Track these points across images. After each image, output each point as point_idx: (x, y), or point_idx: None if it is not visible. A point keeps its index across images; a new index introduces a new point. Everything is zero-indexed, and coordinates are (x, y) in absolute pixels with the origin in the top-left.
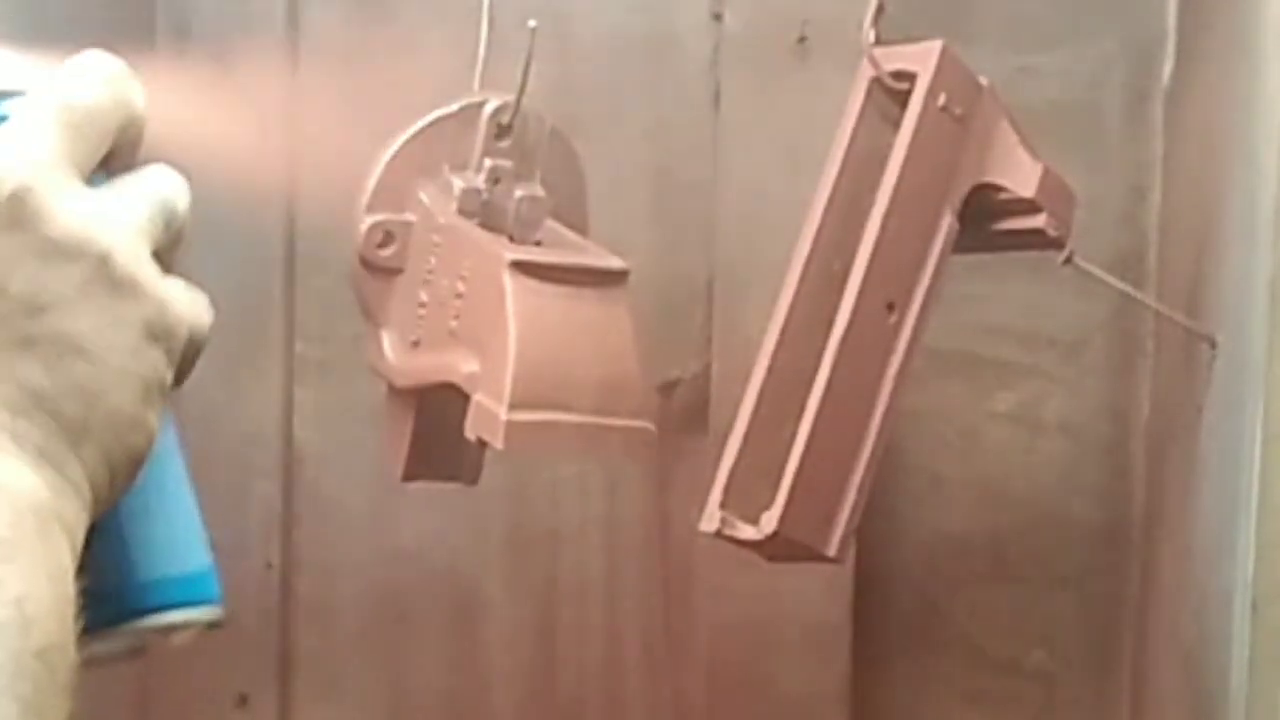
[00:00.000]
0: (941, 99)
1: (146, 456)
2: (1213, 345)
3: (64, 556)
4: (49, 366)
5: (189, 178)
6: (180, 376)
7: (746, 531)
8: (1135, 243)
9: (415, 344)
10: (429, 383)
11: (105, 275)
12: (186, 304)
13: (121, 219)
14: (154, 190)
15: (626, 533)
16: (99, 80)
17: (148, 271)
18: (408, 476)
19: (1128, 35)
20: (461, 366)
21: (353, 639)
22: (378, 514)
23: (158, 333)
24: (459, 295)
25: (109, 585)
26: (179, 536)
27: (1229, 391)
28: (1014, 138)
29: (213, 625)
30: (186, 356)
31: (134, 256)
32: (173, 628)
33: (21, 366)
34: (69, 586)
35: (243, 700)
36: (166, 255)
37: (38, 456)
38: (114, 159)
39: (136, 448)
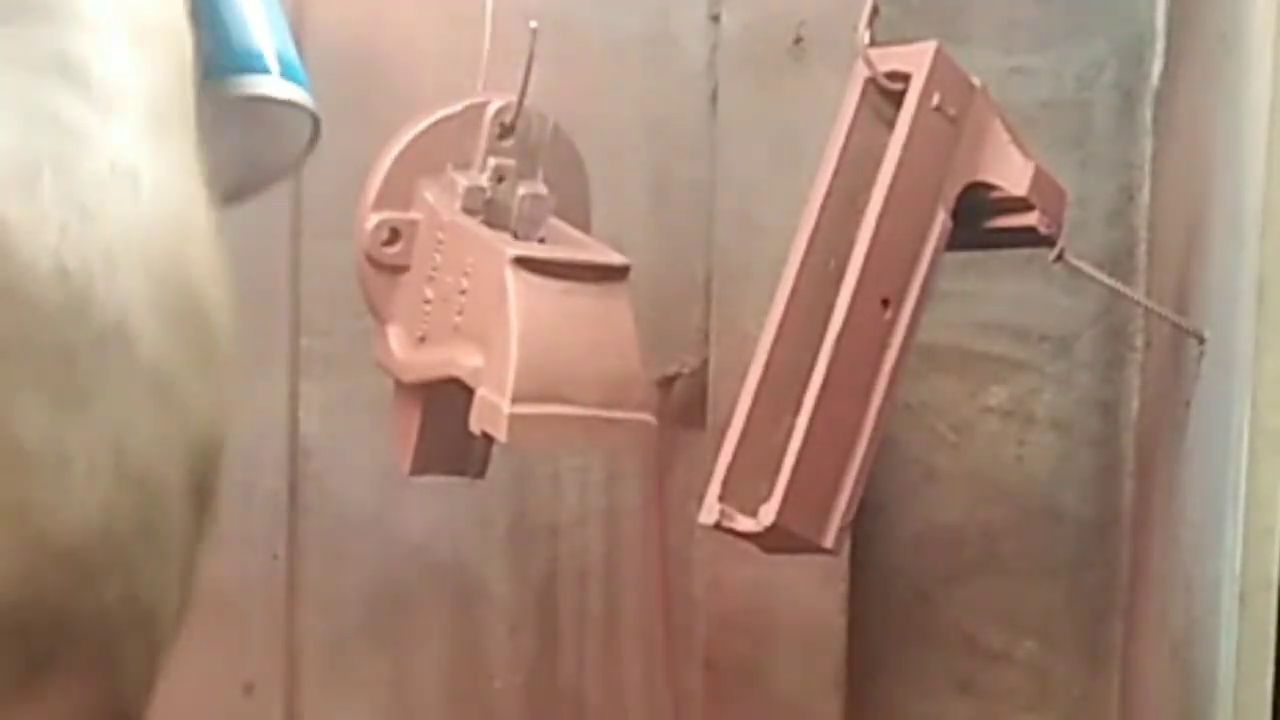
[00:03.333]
0: (935, 99)
1: None
2: (1201, 341)
3: None
4: None
5: None
6: None
7: (745, 524)
8: (1125, 240)
9: (421, 339)
10: (434, 377)
11: None
12: None
13: None
14: None
15: (626, 524)
16: None
17: None
18: (415, 470)
19: (1117, 37)
20: (466, 361)
21: (357, 628)
22: (382, 506)
23: None
24: (463, 291)
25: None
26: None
27: (1217, 386)
28: (1006, 137)
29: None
30: None
31: None
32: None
33: None
34: None
35: (249, 688)
36: None
37: None
38: None
39: None
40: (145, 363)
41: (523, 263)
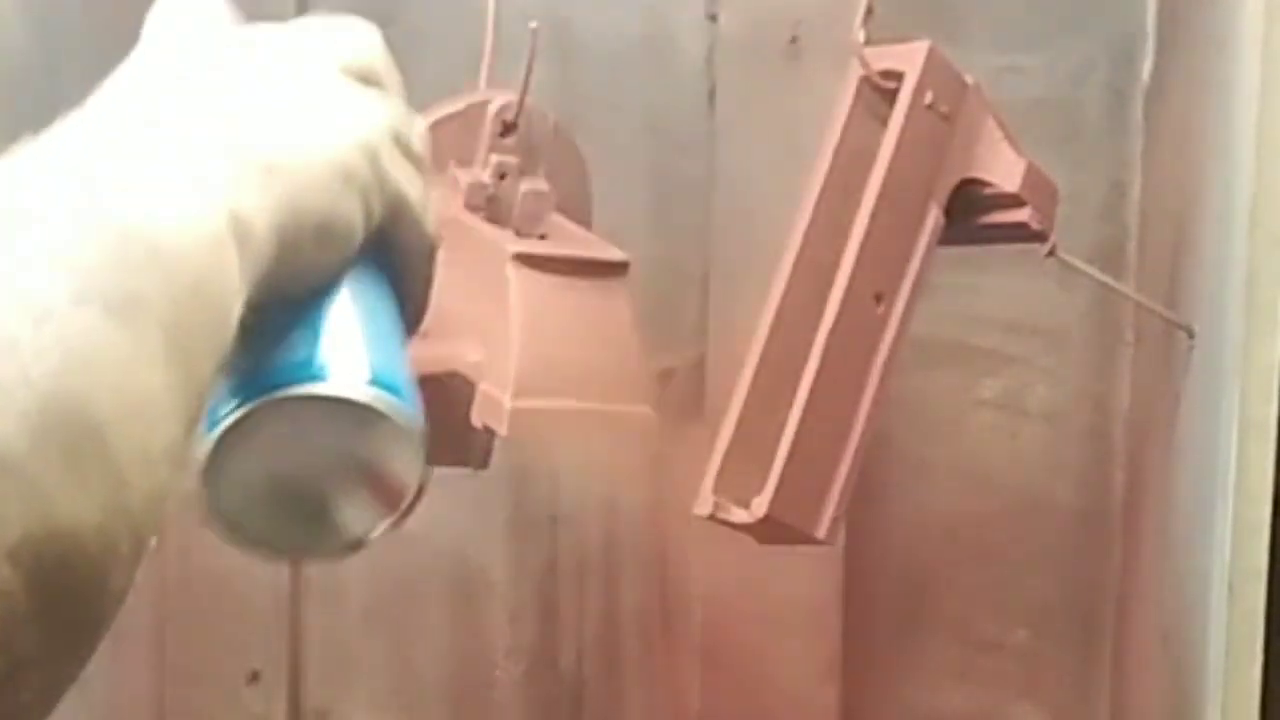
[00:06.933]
0: (929, 97)
1: (337, 230)
2: (1191, 335)
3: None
4: (249, 117)
5: None
6: (407, 267)
7: (739, 515)
8: (1116, 235)
9: (424, 334)
10: (437, 371)
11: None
12: (371, 99)
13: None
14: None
15: (624, 516)
16: None
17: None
18: None
19: (1108, 35)
20: (468, 356)
21: (360, 618)
22: None
23: (371, 151)
24: (465, 287)
25: (299, 357)
26: (380, 352)
27: (1207, 379)
28: (998, 134)
29: (387, 422)
30: (402, 223)
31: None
32: (317, 398)
33: (222, 113)
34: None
35: (254, 676)
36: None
37: (218, 171)
38: None
39: (327, 209)
40: None
41: (524, 259)
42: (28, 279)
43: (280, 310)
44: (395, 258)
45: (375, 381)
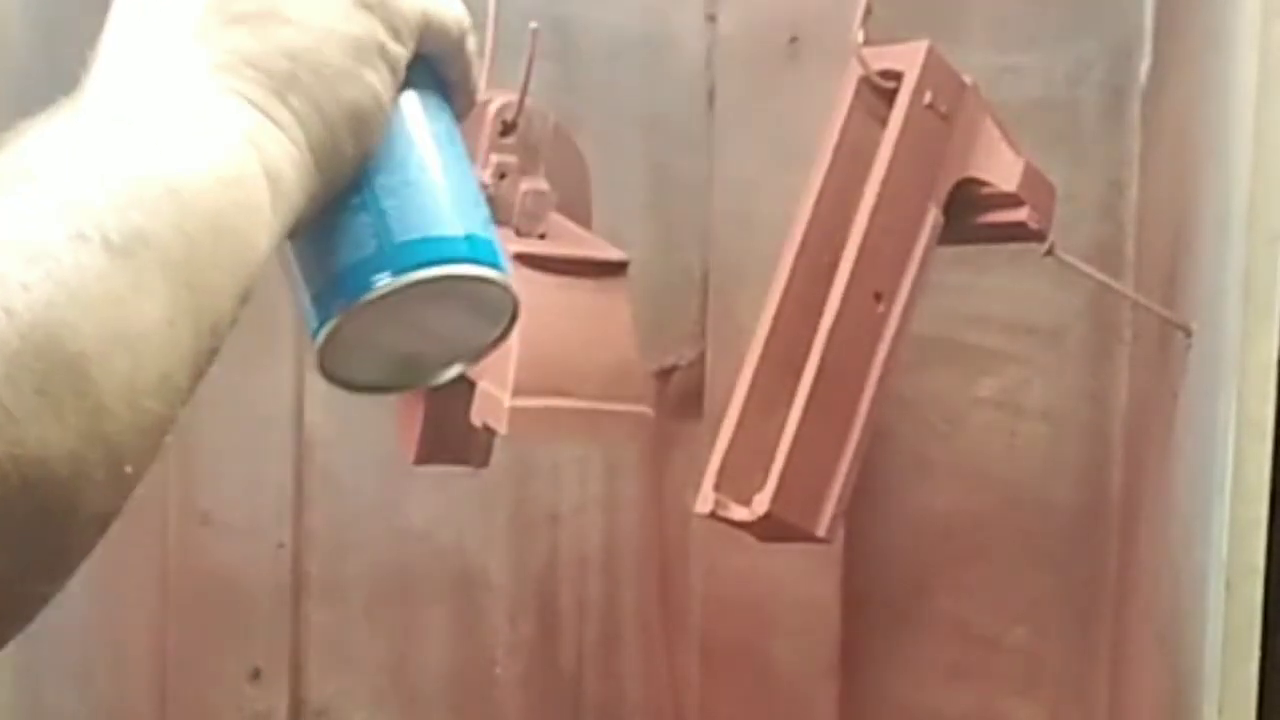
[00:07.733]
0: (927, 97)
1: (369, 113)
2: (1188, 334)
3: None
4: (255, 34)
5: None
6: (445, 64)
7: (740, 513)
8: (1114, 235)
9: None
10: None
11: None
12: None
13: None
14: None
15: (624, 514)
16: None
17: None
18: (419, 460)
19: (1106, 36)
20: None
21: (361, 615)
22: (386, 495)
23: (370, 2)
24: None
25: (369, 251)
26: (446, 204)
27: (1204, 378)
28: (997, 134)
29: (485, 283)
30: (431, 39)
31: None
32: (437, 280)
33: (230, 37)
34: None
35: (256, 673)
36: None
37: (243, 102)
38: None
39: (353, 101)
40: None
41: (522, 259)
42: (27, 223)
43: (340, 200)
44: (432, 62)
45: (458, 245)
